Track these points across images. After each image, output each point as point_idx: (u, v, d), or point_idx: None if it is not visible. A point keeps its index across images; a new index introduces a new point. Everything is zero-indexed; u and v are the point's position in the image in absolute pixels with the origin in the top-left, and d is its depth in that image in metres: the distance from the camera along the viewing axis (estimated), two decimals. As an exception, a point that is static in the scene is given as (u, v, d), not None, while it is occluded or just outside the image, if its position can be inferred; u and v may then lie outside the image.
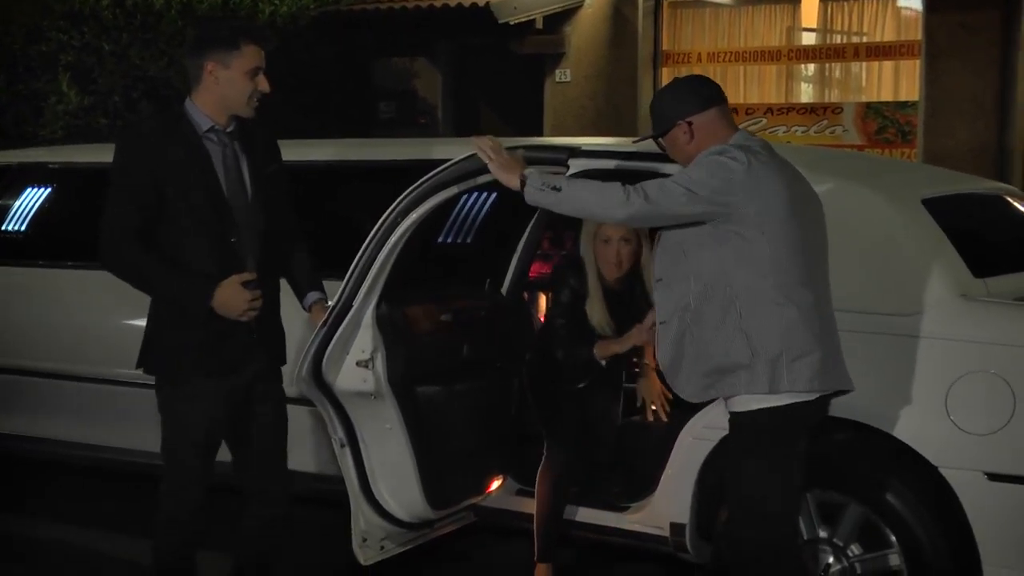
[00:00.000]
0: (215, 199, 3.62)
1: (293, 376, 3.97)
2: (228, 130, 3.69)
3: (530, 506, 4.41)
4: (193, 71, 3.67)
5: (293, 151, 4.20)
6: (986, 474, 3.46)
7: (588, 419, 4.46)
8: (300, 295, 3.94)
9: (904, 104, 10.12)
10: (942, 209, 4.06)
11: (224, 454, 3.81)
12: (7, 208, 5.72)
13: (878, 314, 3.68)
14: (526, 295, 5.23)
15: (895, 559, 3.67)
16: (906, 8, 10.38)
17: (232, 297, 3.55)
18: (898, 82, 10.37)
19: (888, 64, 10.44)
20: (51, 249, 5.50)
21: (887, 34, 10.46)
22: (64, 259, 5.35)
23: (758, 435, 3.29)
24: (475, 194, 5.05)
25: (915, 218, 3.97)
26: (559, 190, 3.34)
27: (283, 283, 3.89)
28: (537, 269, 5.43)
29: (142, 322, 3.83)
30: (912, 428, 3.60)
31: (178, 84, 9.47)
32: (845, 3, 10.71)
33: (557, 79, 11.26)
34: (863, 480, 3.77)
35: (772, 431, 3.29)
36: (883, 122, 10.08)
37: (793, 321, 3.25)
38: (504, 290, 4.91)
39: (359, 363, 3.97)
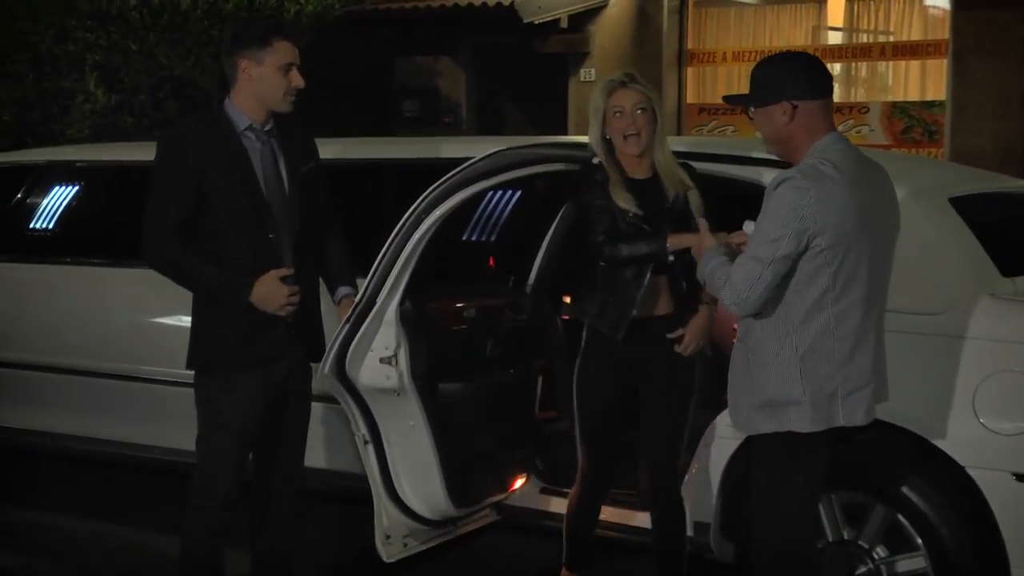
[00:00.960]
0: (254, 197, 3.67)
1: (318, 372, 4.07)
2: (266, 128, 3.73)
3: (555, 505, 4.35)
4: (229, 70, 3.72)
5: (328, 149, 4.24)
6: (1014, 475, 3.39)
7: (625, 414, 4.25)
8: (332, 290, 3.96)
9: (931, 103, 10.09)
10: (970, 208, 4.01)
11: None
12: (35, 206, 5.75)
13: (905, 313, 3.59)
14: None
15: (921, 561, 3.58)
16: (933, 7, 10.28)
17: (270, 292, 3.60)
18: (924, 81, 10.36)
19: (915, 63, 10.40)
20: (80, 246, 5.49)
21: (914, 33, 10.39)
22: (93, 256, 5.35)
23: (793, 449, 3.21)
24: (499, 192, 5.03)
25: (942, 216, 3.94)
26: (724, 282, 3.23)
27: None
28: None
29: (169, 319, 3.91)
30: (939, 428, 3.55)
31: (204, 84, 9.59)
32: (872, 2, 10.64)
33: (582, 78, 11.22)
34: (889, 481, 3.70)
35: (806, 446, 3.21)
36: (909, 121, 10.09)
37: (850, 354, 3.16)
38: (528, 288, 4.87)
39: (382, 360, 3.96)
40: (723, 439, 3.97)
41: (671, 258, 3.82)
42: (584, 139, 4.22)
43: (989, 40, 9.51)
